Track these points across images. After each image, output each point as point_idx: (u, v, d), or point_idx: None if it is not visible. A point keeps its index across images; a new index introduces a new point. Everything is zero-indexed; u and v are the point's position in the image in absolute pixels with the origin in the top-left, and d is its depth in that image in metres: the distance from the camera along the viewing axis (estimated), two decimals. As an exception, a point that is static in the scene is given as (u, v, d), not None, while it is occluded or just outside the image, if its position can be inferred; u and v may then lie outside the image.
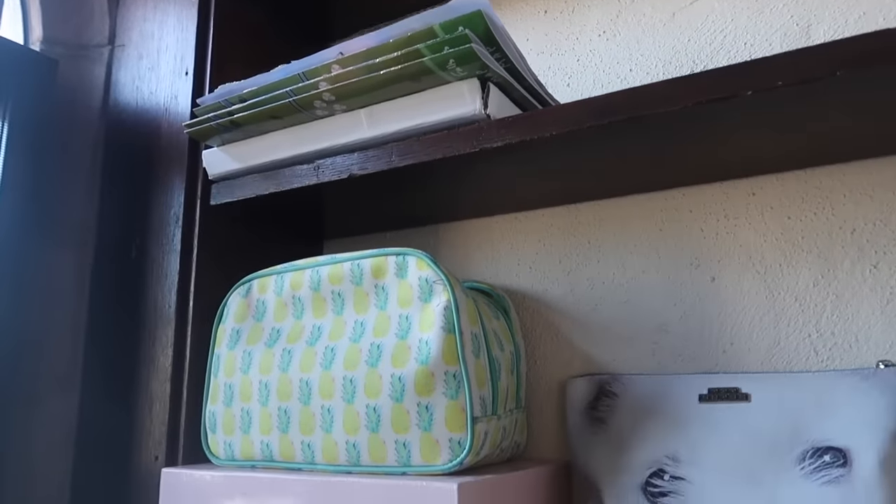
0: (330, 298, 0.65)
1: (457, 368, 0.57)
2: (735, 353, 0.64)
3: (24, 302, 0.81)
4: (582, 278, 0.73)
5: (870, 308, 0.59)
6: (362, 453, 0.59)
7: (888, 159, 0.60)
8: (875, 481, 0.50)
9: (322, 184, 0.68)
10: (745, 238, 0.65)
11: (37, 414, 0.78)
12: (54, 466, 0.77)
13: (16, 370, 0.79)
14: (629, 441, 0.61)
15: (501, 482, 0.57)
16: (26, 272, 0.82)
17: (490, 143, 0.58)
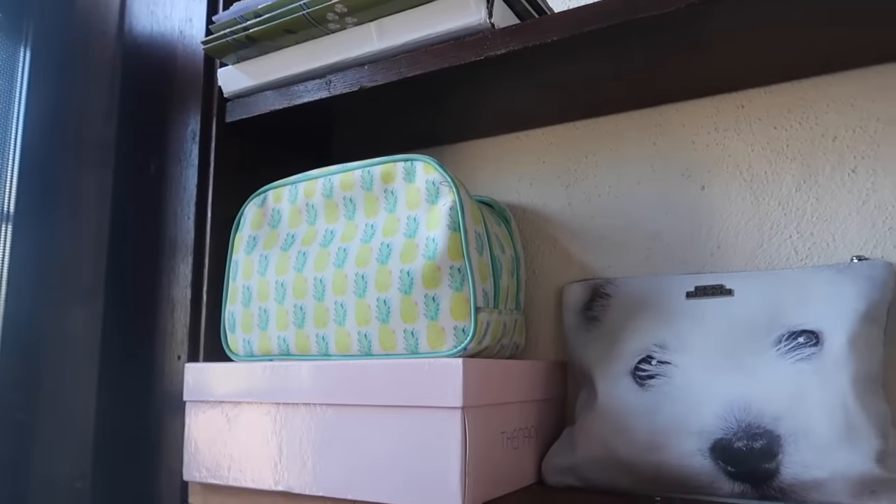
0: (342, 204, 0.69)
1: (461, 263, 0.61)
2: (722, 256, 0.69)
3: (49, 217, 0.85)
4: (579, 192, 0.77)
5: (847, 209, 0.63)
6: (373, 343, 0.64)
7: (868, 70, 0.64)
8: (843, 357, 0.55)
9: (334, 97, 0.72)
10: (733, 148, 0.69)
11: (64, 322, 0.83)
12: (82, 372, 0.82)
13: (43, 282, 0.83)
14: (621, 334, 0.66)
15: (502, 366, 0.62)
16: (52, 190, 0.85)
17: (495, 50, 0.62)
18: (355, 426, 0.60)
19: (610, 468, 0.61)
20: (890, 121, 0.63)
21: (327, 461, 0.61)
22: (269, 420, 0.65)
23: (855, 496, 0.52)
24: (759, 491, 0.55)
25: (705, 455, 0.56)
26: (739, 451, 0.55)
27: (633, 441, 0.60)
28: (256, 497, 0.65)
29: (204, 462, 0.69)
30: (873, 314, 0.57)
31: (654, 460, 0.58)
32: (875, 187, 0.63)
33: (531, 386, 0.67)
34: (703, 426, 0.57)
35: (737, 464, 0.55)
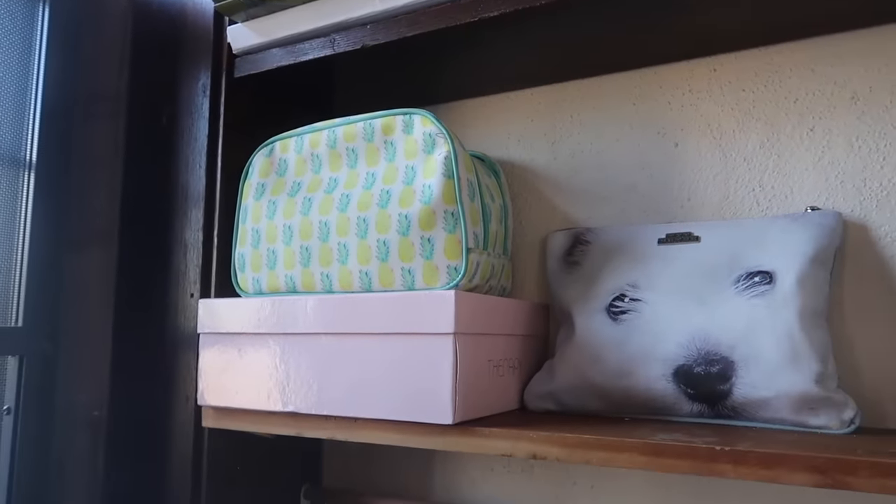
0: (345, 154, 0.75)
1: (455, 208, 0.68)
2: (692, 207, 0.75)
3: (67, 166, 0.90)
4: (564, 148, 0.83)
5: (804, 165, 0.70)
6: (373, 280, 0.70)
7: (827, 38, 0.70)
8: (792, 293, 0.62)
9: (337, 55, 0.77)
10: (705, 109, 0.76)
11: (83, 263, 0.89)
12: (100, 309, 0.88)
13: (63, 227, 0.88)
14: (598, 276, 0.73)
15: (489, 302, 0.68)
16: (69, 140, 0.90)
17: (489, 12, 0.67)
18: (357, 352, 0.67)
19: (584, 394, 0.68)
20: (845, 84, 0.69)
21: (331, 384, 0.68)
22: (277, 349, 0.71)
23: (796, 412, 0.59)
24: (715, 410, 0.62)
25: (668, 379, 0.64)
26: (698, 375, 0.62)
27: (605, 369, 0.67)
28: (265, 418, 0.72)
29: (216, 389, 0.75)
30: (821, 257, 0.64)
31: (624, 385, 0.66)
32: (829, 145, 0.69)
33: (516, 322, 0.73)
34: (667, 354, 0.64)
35: (696, 386, 0.62)
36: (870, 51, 0.68)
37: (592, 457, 0.56)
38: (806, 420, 0.59)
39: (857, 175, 0.68)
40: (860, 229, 0.67)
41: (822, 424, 0.59)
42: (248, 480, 0.84)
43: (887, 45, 0.67)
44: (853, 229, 0.67)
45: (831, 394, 0.59)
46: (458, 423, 0.62)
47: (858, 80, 0.68)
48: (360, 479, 0.93)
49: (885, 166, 0.67)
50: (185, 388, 0.80)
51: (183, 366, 0.81)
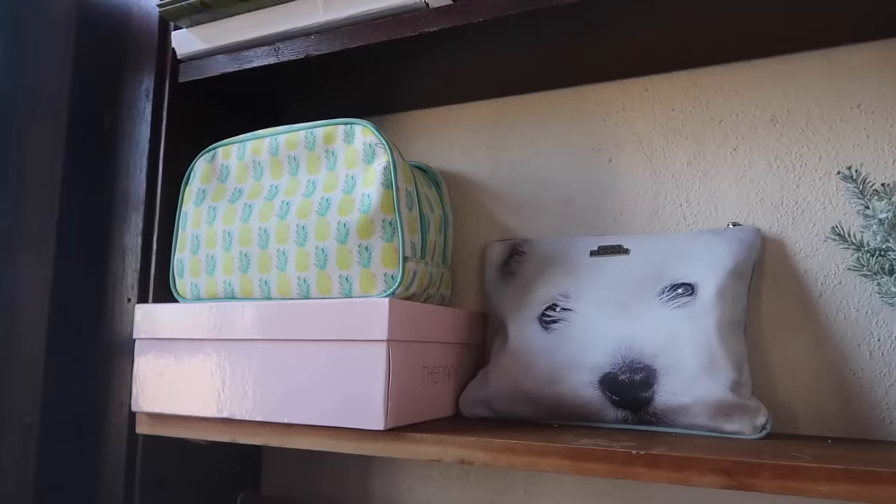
0: (286, 162, 0.76)
1: (393, 217, 0.69)
2: (623, 221, 0.78)
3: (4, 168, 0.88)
4: (504, 161, 0.85)
5: (727, 182, 0.74)
6: (311, 287, 0.71)
7: (750, 62, 0.74)
8: (711, 305, 0.65)
9: (282, 64, 0.78)
10: (637, 127, 0.79)
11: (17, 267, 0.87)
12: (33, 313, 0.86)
13: (-6, 227, 0.87)
14: (532, 286, 0.75)
15: (424, 309, 0.70)
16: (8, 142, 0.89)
17: (429, 27, 0.69)
18: (292, 359, 0.67)
19: (516, 400, 0.70)
20: (765, 107, 0.73)
21: (266, 390, 0.68)
22: (214, 355, 0.71)
23: (712, 418, 0.62)
24: (638, 416, 0.65)
25: (595, 387, 0.66)
26: (623, 382, 0.65)
27: (536, 376, 0.69)
28: (200, 424, 0.72)
29: (151, 395, 0.75)
30: (740, 270, 0.67)
31: (553, 392, 0.68)
32: (751, 164, 0.73)
33: (452, 330, 0.75)
34: (594, 362, 0.66)
35: (620, 393, 0.65)
36: (788, 76, 0.72)
37: (517, 461, 0.58)
38: (721, 426, 0.62)
39: (776, 193, 0.71)
40: (777, 244, 0.70)
41: (736, 430, 0.61)
42: (184, 488, 0.83)
43: (803, 71, 0.71)
44: (771, 244, 0.71)
45: (745, 401, 0.62)
46: (390, 429, 0.63)
47: (777, 104, 0.72)
48: (299, 486, 0.93)
49: (800, 185, 0.70)
50: (120, 393, 0.79)
51: (118, 371, 0.80)
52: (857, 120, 0.69)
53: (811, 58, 0.71)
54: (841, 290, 0.67)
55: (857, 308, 0.67)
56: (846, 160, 0.69)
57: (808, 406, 0.67)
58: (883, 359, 0.65)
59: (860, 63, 0.69)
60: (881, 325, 0.66)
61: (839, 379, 0.67)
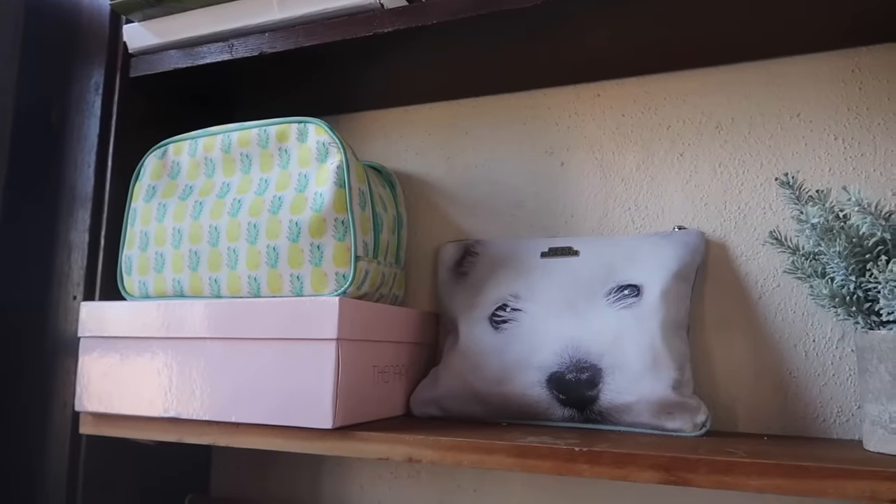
0: (239, 159, 0.75)
1: (345, 216, 0.69)
2: (574, 223, 0.79)
3: (-59, 158, 0.86)
4: (459, 163, 0.86)
5: (674, 187, 0.75)
6: (262, 285, 0.71)
7: (698, 70, 0.76)
8: (656, 306, 0.67)
9: (235, 60, 0.77)
10: (589, 131, 0.80)
11: (-45, 261, 0.84)
12: (-28, 310, 0.84)
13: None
14: (483, 287, 0.76)
15: (376, 309, 0.70)
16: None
17: (383, 28, 0.70)
18: (241, 357, 0.67)
19: (466, 400, 0.71)
20: (711, 115, 0.75)
21: (214, 389, 0.67)
22: (161, 353, 0.70)
23: (655, 416, 0.63)
24: (584, 415, 0.66)
25: (542, 386, 0.67)
26: (569, 381, 0.66)
27: (485, 375, 0.69)
28: (146, 424, 0.71)
29: (96, 394, 0.73)
30: (684, 272, 0.69)
31: (502, 391, 0.68)
32: (696, 170, 0.75)
33: (404, 330, 0.75)
34: (542, 362, 0.67)
35: (567, 392, 0.66)
36: (732, 85, 0.74)
37: (465, 459, 0.58)
38: (663, 424, 0.63)
39: (720, 198, 0.73)
40: (720, 248, 0.73)
41: (677, 427, 0.63)
42: (129, 490, 0.82)
43: (746, 81, 0.74)
44: (714, 248, 0.73)
45: (686, 399, 0.63)
46: (339, 428, 0.63)
47: (722, 112, 0.74)
48: (249, 487, 0.92)
49: (742, 191, 0.73)
50: (63, 393, 0.78)
51: (62, 371, 0.78)
52: (796, 128, 0.71)
53: (754, 68, 0.74)
54: (779, 293, 0.70)
55: (794, 310, 0.69)
56: (785, 167, 0.71)
57: (747, 405, 0.70)
58: (817, 359, 0.68)
59: (799, 74, 0.72)
60: (816, 327, 0.68)
61: (777, 378, 0.69)
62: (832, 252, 0.55)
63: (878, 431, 0.54)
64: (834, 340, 0.68)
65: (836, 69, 0.71)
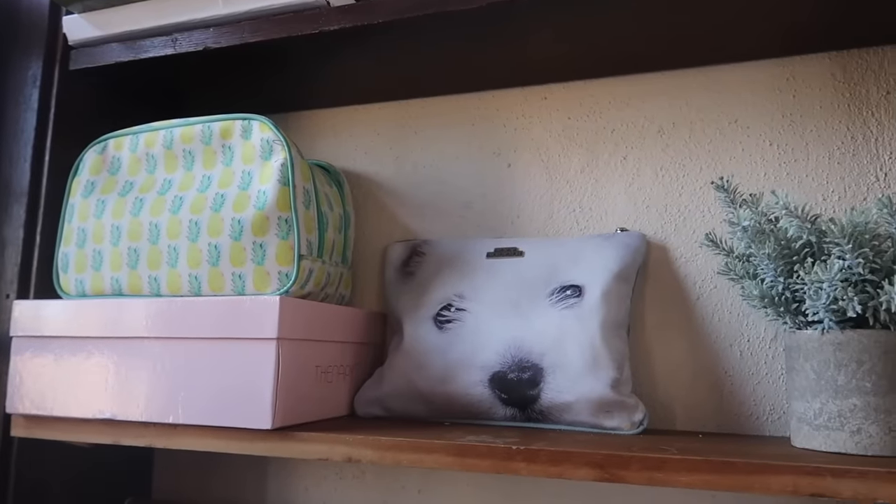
0: (181, 156, 0.74)
1: (289, 214, 0.68)
2: (520, 224, 0.80)
3: None
4: (408, 163, 0.86)
5: (617, 190, 0.77)
6: (203, 284, 0.69)
7: (641, 76, 0.77)
8: (597, 306, 0.67)
9: (179, 55, 0.76)
10: (536, 133, 0.81)
11: None
12: None
13: None
14: (429, 286, 0.76)
15: (319, 308, 0.69)
16: None
17: (329, 26, 0.69)
18: (180, 357, 0.65)
19: (409, 399, 0.70)
20: (653, 119, 0.76)
21: (152, 389, 0.66)
22: (97, 353, 0.69)
23: (594, 415, 0.64)
24: (525, 414, 0.67)
25: (485, 385, 0.67)
26: (511, 381, 0.66)
27: (429, 375, 0.69)
28: (81, 426, 0.69)
29: (28, 395, 0.71)
30: (625, 274, 0.70)
31: (445, 391, 0.69)
32: (639, 173, 0.76)
33: (349, 329, 0.75)
34: (485, 361, 0.68)
35: (509, 392, 0.66)
36: (674, 91, 0.76)
37: (404, 458, 0.58)
38: (602, 422, 0.64)
39: (661, 201, 0.75)
40: (661, 249, 0.74)
41: (615, 426, 0.64)
42: (65, 494, 0.79)
43: (688, 86, 0.76)
44: (655, 249, 0.74)
45: (624, 398, 0.64)
46: (278, 429, 0.62)
47: (664, 116, 0.76)
48: (192, 490, 0.90)
49: (682, 194, 0.74)
50: (-6, 394, 0.75)
51: (-7, 371, 0.76)
52: (734, 134, 0.73)
53: (695, 74, 0.75)
54: (716, 294, 0.72)
55: (730, 311, 0.71)
56: (723, 171, 0.73)
57: (684, 403, 0.71)
58: (752, 358, 0.70)
59: (737, 81, 0.74)
60: (750, 327, 0.70)
61: (713, 378, 0.71)
62: (762, 254, 0.56)
63: (804, 428, 0.55)
64: (767, 340, 0.70)
65: (771, 77, 0.73)
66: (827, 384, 0.54)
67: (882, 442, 0.52)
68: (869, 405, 0.52)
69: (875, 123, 0.69)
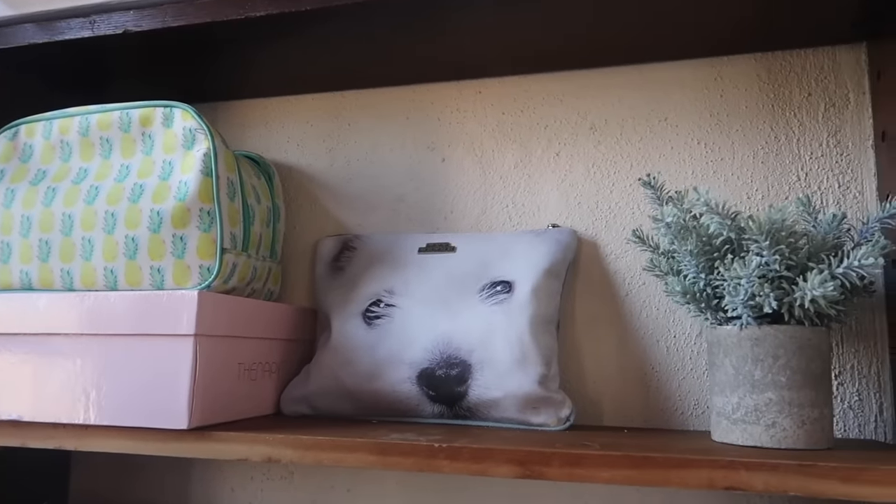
0: (98, 143, 0.70)
1: (211, 206, 0.66)
2: (454, 219, 0.79)
3: None
4: (341, 155, 0.84)
5: (550, 186, 0.77)
6: (119, 278, 0.66)
7: (575, 72, 0.77)
8: (526, 302, 0.67)
9: (98, 38, 0.72)
10: (470, 128, 0.80)
11: None
12: None
13: None
14: (359, 282, 0.74)
15: (243, 304, 0.67)
16: None
17: (255, 12, 0.67)
18: (93, 355, 0.62)
19: (337, 397, 0.69)
20: (586, 115, 0.77)
21: (62, 389, 0.63)
22: (4, 351, 0.65)
23: (521, 411, 0.64)
24: (453, 411, 0.66)
25: (413, 382, 0.66)
26: (439, 377, 0.65)
27: (356, 372, 0.68)
28: (-16, 428, 0.65)
29: (-72, 395, 0.67)
30: (555, 269, 0.70)
31: (373, 388, 0.67)
32: (571, 169, 0.76)
33: (276, 326, 0.73)
34: (413, 358, 0.67)
35: (436, 388, 0.65)
36: (606, 88, 0.76)
37: (325, 457, 0.56)
38: (529, 418, 0.64)
39: (592, 197, 0.75)
40: (591, 246, 0.74)
41: (542, 422, 0.64)
42: (-29, 499, 0.75)
43: (620, 84, 0.76)
44: (586, 245, 0.74)
45: (552, 394, 0.64)
46: (196, 428, 0.59)
47: (596, 113, 0.76)
48: (111, 493, 0.86)
49: (613, 191, 0.75)
50: None
51: None
52: (663, 132, 0.74)
53: (627, 72, 0.76)
54: (645, 290, 0.72)
55: (658, 307, 0.72)
56: (653, 168, 0.74)
57: (612, 399, 0.72)
58: (677, 353, 0.71)
59: (668, 80, 0.75)
60: (677, 323, 0.71)
61: (640, 373, 0.71)
62: (684, 250, 0.57)
63: (723, 422, 0.56)
64: (693, 336, 0.70)
65: (700, 77, 0.74)
66: (745, 379, 0.55)
67: (795, 435, 0.53)
68: (783, 399, 0.53)
69: (797, 124, 0.70)
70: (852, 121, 0.69)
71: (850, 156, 0.69)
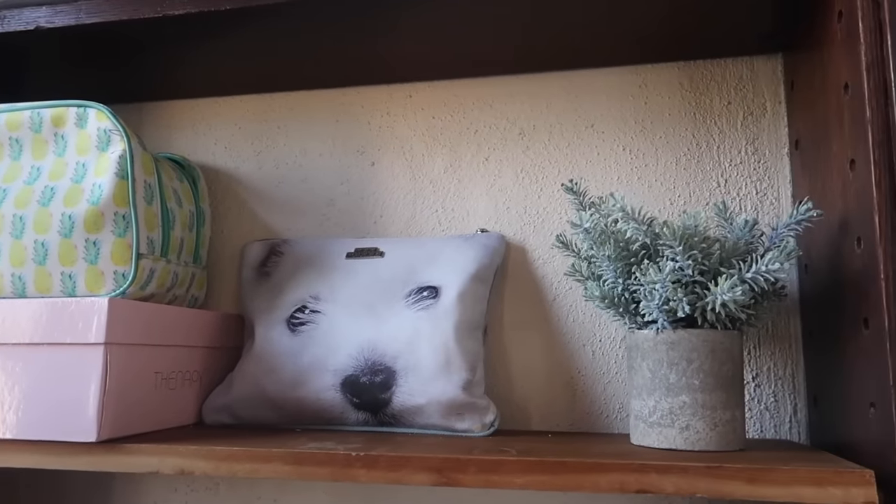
0: (7, 144, 0.67)
1: (126, 210, 0.64)
2: (383, 224, 0.79)
3: None
4: (269, 158, 0.83)
5: (479, 190, 0.77)
6: (28, 284, 0.63)
7: (505, 77, 0.78)
8: (452, 307, 0.67)
9: (8, 34, 0.70)
10: (400, 132, 0.80)
11: None
12: None
13: None
14: (284, 288, 0.73)
15: (164, 310, 0.65)
16: None
17: (173, 10, 0.65)
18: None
19: (259, 405, 0.67)
20: (515, 121, 0.77)
21: (-38, 402, 0.60)
22: None
23: (445, 417, 0.63)
24: (377, 418, 0.65)
25: (337, 389, 0.65)
26: (364, 384, 0.64)
27: (279, 379, 0.67)
28: None
29: None
30: (482, 274, 0.70)
31: (297, 396, 0.66)
32: (500, 174, 0.76)
33: (198, 333, 0.70)
34: (337, 365, 0.66)
35: (360, 395, 0.64)
36: (535, 94, 0.77)
37: (239, 469, 0.55)
38: (453, 424, 0.64)
39: (520, 202, 0.75)
40: (520, 251, 0.75)
41: (466, 428, 0.63)
42: None
43: (548, 90, 0.76)
44: (514, 250, 0.75)
45: (476, 399, 0.64)
46: (105, 441, 0.57)
47: (525, 118, 0.77)
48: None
49: (541, 196, 0.75)
50: None
51: None
52: (590, 138, 0.75)
53: (555, 78, 0.76)
54: (571, 295, 0.73)
55: (584, 311, 0.72)
56: (579, 174, 0.74)
57: (539, 403, 0.72)
58: (603, 358, 0.71)
59: (594, 87, 0.75)
60: (602, 327, 0.72)
61: (566, 377, 0.72)
62: (603, 255, 0.57)
63: (640, 425, 0.57)
64: (617, 340, 0.71)
65: (625, 84, 0.75)
66: (660, 382, 0.55)
67: (708, 437, 0.54)
68: (696, 402, 0.54)
69: (717, 132, 0.72)
70: (769, 129, 0.71)
71: (768, 163, 0.71)
